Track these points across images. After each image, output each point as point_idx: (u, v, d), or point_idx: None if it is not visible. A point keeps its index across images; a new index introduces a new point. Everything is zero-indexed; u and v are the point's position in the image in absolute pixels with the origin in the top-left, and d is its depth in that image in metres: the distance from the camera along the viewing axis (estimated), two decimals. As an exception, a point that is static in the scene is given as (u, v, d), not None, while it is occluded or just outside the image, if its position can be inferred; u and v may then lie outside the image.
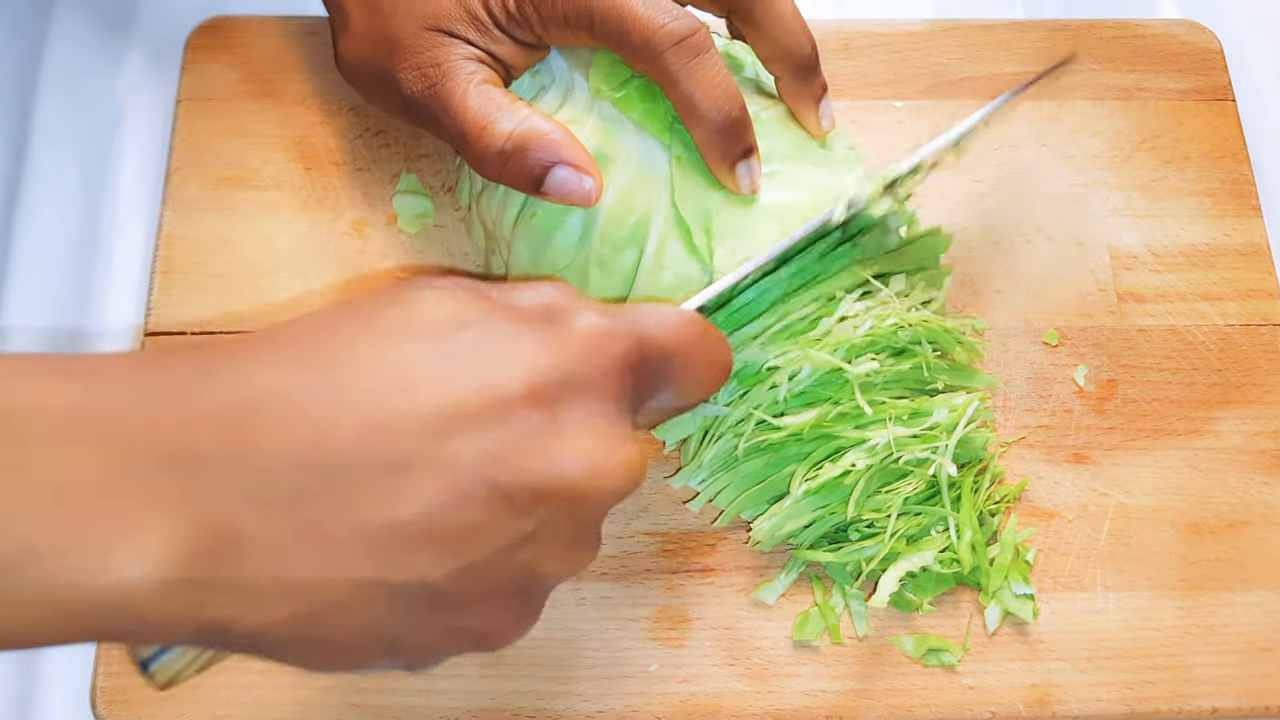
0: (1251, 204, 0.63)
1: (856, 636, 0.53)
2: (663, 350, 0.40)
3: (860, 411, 0.52)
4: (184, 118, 0.62)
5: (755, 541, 0.54)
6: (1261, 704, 0.53)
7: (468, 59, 0.52)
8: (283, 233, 0.60)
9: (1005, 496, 0.56)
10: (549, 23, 0.51)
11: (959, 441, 0.53)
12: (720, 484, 0.54)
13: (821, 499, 0.53)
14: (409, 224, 0.60)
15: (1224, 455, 0.57)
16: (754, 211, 0.52)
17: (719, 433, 0.53)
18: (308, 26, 0.65)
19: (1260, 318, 0.60)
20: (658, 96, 0.53)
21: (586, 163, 0.51)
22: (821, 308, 0.53)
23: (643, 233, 0.52)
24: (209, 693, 0.51)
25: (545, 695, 0.52)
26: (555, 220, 0.53)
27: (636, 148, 0.53)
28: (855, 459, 0.52)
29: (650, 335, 0.40)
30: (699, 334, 0.42)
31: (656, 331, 0.40)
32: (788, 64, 0.53)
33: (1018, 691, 0.53)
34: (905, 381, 0.54)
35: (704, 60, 0.50)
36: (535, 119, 0.51)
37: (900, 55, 0.66)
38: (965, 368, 0.56)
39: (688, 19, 0.50)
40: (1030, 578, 0.54)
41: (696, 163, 0.52)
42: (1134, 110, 0.65)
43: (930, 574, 0.53)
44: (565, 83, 0.55)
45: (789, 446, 0.53)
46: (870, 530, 0.53)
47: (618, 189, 0.52)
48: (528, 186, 0.51)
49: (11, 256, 0.62)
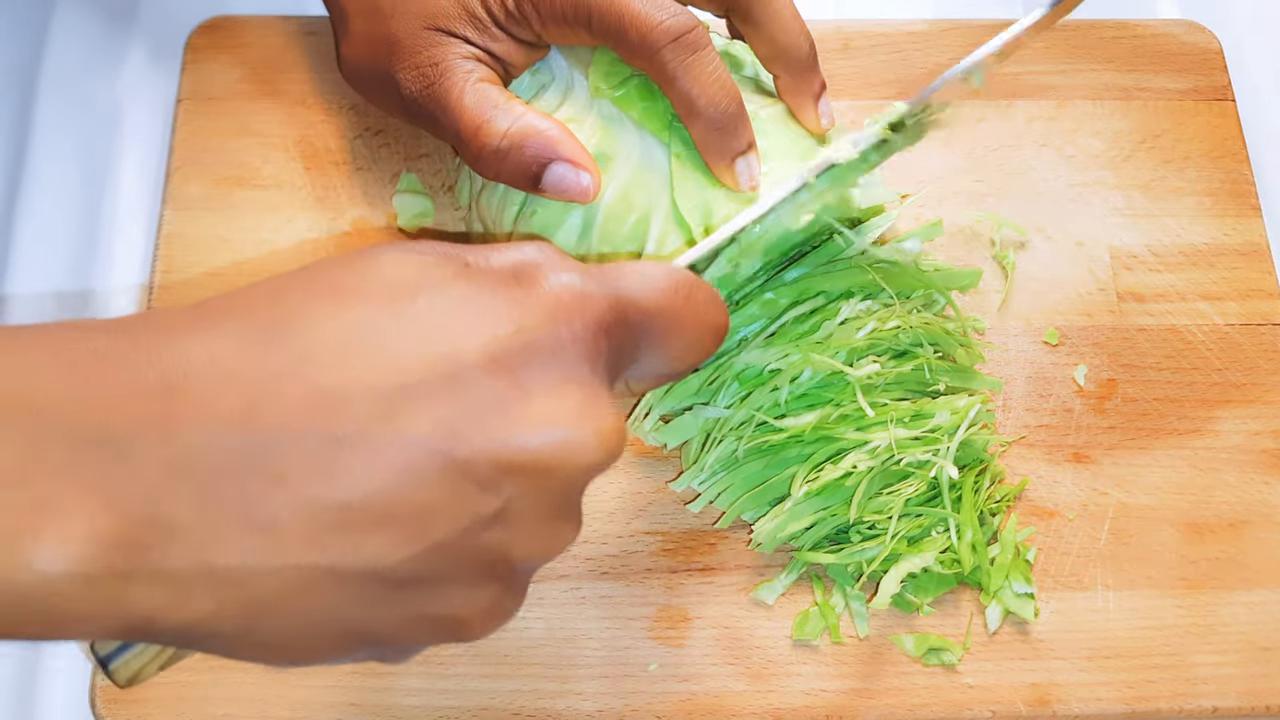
0: (1251, 204, 0.63)
1: (857, 636, 0.53)
2: (645, 312, 0.37)
3: (862, 413, 0.52)
4: (184, 117, 0.62)
5: (757, 543, 0.54)
6: (1262, 703, 0.53)
7: (466, 58, 0.52)
8: (283, 232, 0.60)
9: (1005, 496, 0.56)
10: (548, 20, 0.51)
11: (960, 443, 0.53)
12: (721, 485, 0.54)
13: (823, 501, 0.53)
14: (409, 223, 0.60)
15: (1224, 455, 0.57)
16: None
17: (720, 435, 0.53)
18: (308, 26, 0.65)
19: (1260, 317, 0.60)
20: (657, 95, 0.53)
21: (583, 159, 0.51)
22: (823, 310, 0.53)
23: (643, 230, 0.52)
24: (208, 692, 0.51)
25: (545, 695, 0.52)
26: (555, 218, 0.53)
27: (636, 146, 0.53)
28: (856, 460, 0.52)
29: (630, 296, 0.37)
30: (687, 294, 0.38)
31: (638, 292, 0.37)
32: (786, 62, 0.53)
33: (1018, 691, 0.53)
34: (907, 383, 0.54)
35: (701, 57, 0.50)
36: (531, 116, 0.51)
37: (900, 55, 0.66)
38: (967, 369, 0.56)
39: (685, 16, 0.50)
40: (1031, 577, 0.54)
41: (696, 160, 0.52)
42: (1134, 110, 0.65)
43: (931, 574, 0.53)
44: (565, 81, 0.55)
45: (790, 448, 0.53)
46: (871, 532, 0.53)
47: (617, 187, 0.52)
48: (525, 184, 0.51)
49: (11, 256, 0.62)
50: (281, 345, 0.32)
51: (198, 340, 0.32)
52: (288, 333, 0.32)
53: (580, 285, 0.35)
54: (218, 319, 0.32)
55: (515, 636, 0.53)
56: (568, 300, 0.35)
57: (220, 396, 0.31)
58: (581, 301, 0.35)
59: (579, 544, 0.54)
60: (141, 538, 0.30)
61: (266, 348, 0.32)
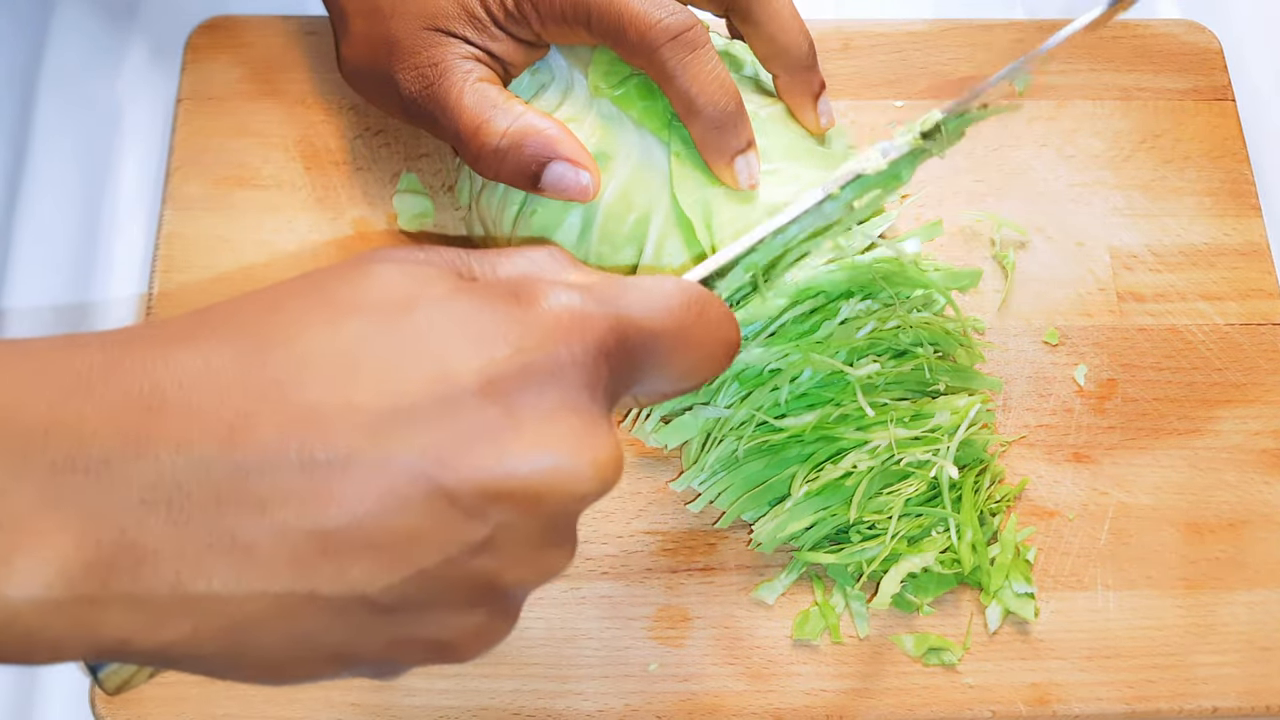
0: (1251, 204, 0.63)
1: (857, 636, 0.53)
2: (649, 333, 0.36)
3: (862, 413, 0.52)
4: (184, 117, 0.62)
5: (757, 543, 0.54)
6: (1262, 703, 0.53)
7: (465, 58, 0.52)
8: (283, 232, 0.60)
9: (1005, 496, 0.56)
10: (547, 19, 0.51)
11: (960, 443, 0.53)
12: (721, 485, 0.54)
13: (823, 500, 0.53)
14: (409, 223, 0.60)
15: (1224, 454, 0.57)
16: (754, 208, 0.52)
17: (721, 435, 0.53)
18: (308, 26, 0.65)
19: (1260, 317, 0.60)
20: (656, 94, 0.53)
21: (583, 158, 0.51)
22: (823, 310, 0.53)
23: (642, 230, 0.52)
24: (208, 692, 0.51)
25: (545, 695, 0.52)
26: (555, 218, 0.53)
27: (635, 145, 0.53)
28: (857, 460, 0.52)
29: (634, 317, 0.35)
30: (696, 312, 0.37)
31: (642, 311, 0.35)
32: (785, 61, 0.53)
33: (1018, 690, 0.53)
34: (907, 383, 0.54)
35: (700, 55, 0.50)
36: (530, 115, 0.51)
37: (900, 55, 0.66)
38: (967, 369, 0.56)
39: (683, 14, 0.50)
40: (1031, 577, 0.54)
41: (696, 160, 0.52)
42: (1134, 110, 0.65)
43: (931, 574, 0.53)
44: (565, 81, 0.55)
45: (790, 448, 0.53)
46: (871, 532, 0.53)
47: (617, 186, 0.52)
48: (525, 183, 0.51)
49: (11, 256, 0.62)
50: (274, 359, 0.31)
51: (194, 351, 0.31)
52: (281, 346, 0.32)
53: (580, 306, 0.34)
54: (215, 328, 0.32)
55: (515, 636, 0.53)
56: (567, 321, 0.34)
57: (206, 413, 0.30)
58: (582, 323, 0.34)
59: (579, 544, 0.54)
60: (115, 562, 0.30)
61: (259, 361, 0.31)
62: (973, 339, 0.57)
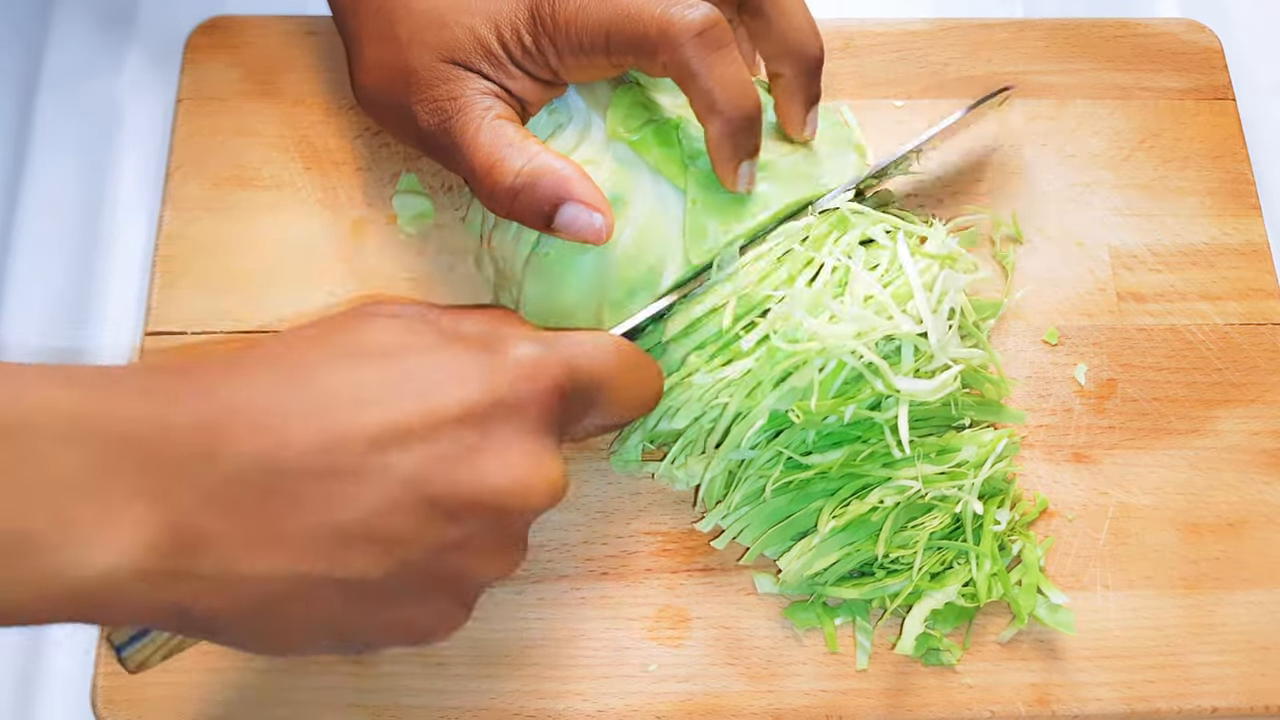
0: (1251, 203, 0.63)
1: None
2: (591, 377, 0.45)
3: (889, 450, 0.51)
4: (184, 117, 0.62)
5: (783, 583, 0.53)
6: (1261, 703, 0.53)
7: (483, 93, 0.51)
8: (283, 233, 0.60)
9: (1024, 518, 0.55)
10: (565, 53, 0.50)
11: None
12: (744, 521, 0.53)
13: (848, 536, 0.52)
14: (409, 224, 0.60)
15: (1224, 454, 0.57)
16: None
17: (744, 475, 0.53)
18: (308, 26, 0.65)
19: (1260, 317, 0.60)
20: (674, 140, 0.52)
21: (597, 200, 0.50)
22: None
23: (655, 277, 0.52)
24: (208, 692, 0.51)
25: (545, 695, 0.52)
26: (567, 261, 0.52)
27: (651, 191, 0.52)
28: (883, 495, 0.51)
29: (579, 364, 0.44)
30: (627, 362, 0.47)
31: (585, 361, 0.45)
32: (793, 61, 0.53)
33: (1018, 690, 0.53)
34: (934, 419, 0.54)
35: (724, 54, 0.49)
36: (546, 156, 0.50)
37: (900, 54, 0.66)
38: (993, 403, 0.56)
39: (705, 9, 0.49)
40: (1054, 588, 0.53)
41: (710, 207, 0.52)
42: (1134, 110, 0.65)
43: (953, 608, 0.53)
44: (583, 122, 0.54)
45: (815, 484, 0.52)
46: (894, 566, 0.53)
47: (632, 232, 0.52)
48: (538, 223, 0.50)
49: (12, 256, 0.62)
50: (304, 394, 0.40)
51: (241, 386, 0.39)
52: (308, 384, 0.40)
53: (540, 354, 0.43)
54: (255, 370, 0.40)
55: (515, 636, 0.53)
56: (529, 367, 0.42)
57: (254, 433, 0.38)
58: (540, 368, 0.42)
59: (579, 544, 0.54)
60: (183, 544, 0.37)
61: (290, 394, 0.39)
62: (1003, 374, 0.57)
